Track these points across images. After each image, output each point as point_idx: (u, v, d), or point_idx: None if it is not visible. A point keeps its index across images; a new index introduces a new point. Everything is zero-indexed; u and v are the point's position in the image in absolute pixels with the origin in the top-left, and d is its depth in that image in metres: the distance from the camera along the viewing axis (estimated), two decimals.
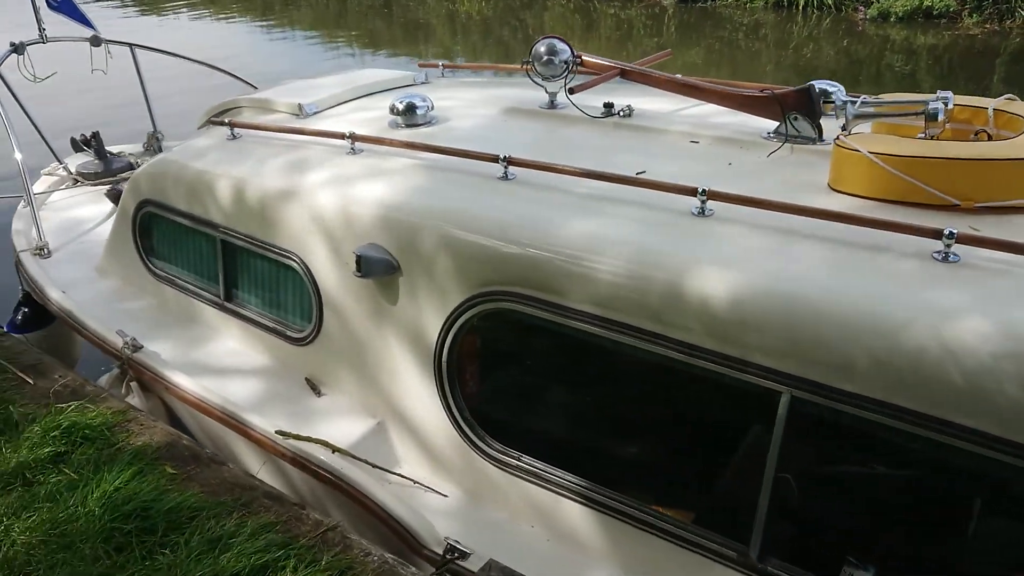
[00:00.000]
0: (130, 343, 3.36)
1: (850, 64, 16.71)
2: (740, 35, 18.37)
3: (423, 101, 3.37)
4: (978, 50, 16.03)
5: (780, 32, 18.04)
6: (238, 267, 3.35)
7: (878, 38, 17.04)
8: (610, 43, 19.18)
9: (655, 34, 19.10)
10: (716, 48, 18.09)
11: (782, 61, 17.20)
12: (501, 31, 20.93)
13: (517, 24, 21.46)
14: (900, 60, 16.47)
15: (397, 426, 2.94)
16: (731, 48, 18.05)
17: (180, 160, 3.50)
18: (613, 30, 19.84)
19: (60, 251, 4.25)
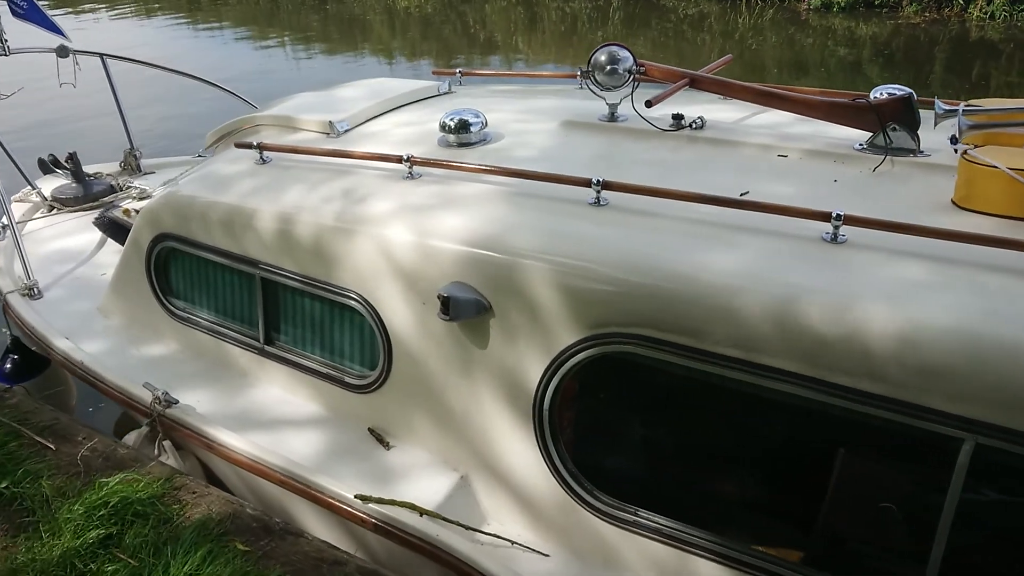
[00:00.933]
0: (161, 398, 3.00)
1: (795, 54, 16.90)
2: (685, 26, 18.40)
3: (476, 117, 3.08)
4: (919, 39, 16.37)
5: (725, 23, 18.11)
6: (282, 308, 3.02)
7: (821, 28, 17.26)
8: (554, 37, 19.01)
9: (600, 26, 18.99)
10: (662, 40, 18.09)
11: (728, 52, 17.28)
12: (441, 27, 20.56)
13: (457, 19, 21.13)
14: (844, 50, 16.72)
15: (485, 480, 2.67)
16: (677, 40, 18.08)
17: (206, 189, 3.14)
18: (557, 24, 19.67)
19: (51, 290, 3.82)
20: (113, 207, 4.22)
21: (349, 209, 2.78)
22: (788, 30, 17.45)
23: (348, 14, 22.43)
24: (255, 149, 3.15)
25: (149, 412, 3.02)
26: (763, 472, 2.36)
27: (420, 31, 20.26)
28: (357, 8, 22.88)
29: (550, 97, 3.72)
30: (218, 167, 3.25)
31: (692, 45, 17.66)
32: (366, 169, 2.99)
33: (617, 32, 18.74)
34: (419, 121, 3.43)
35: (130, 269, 3.45)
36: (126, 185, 4.77)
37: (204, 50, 17.88)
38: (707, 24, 18.22)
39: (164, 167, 5.22)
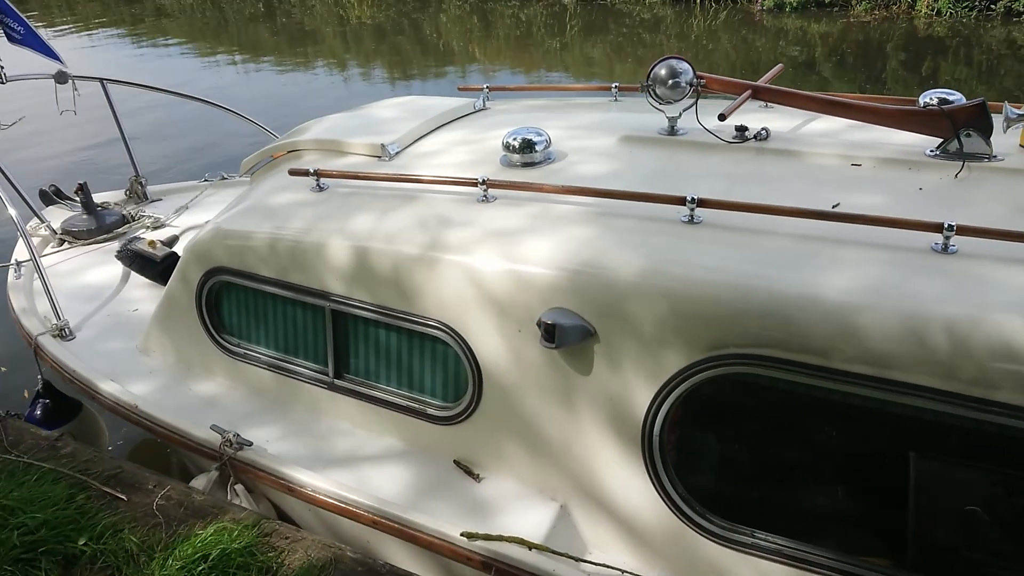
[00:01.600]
0: (233, 440, 2.87)
1: (748, 54, 17.16)
2: (641, 30, 18.56)
3: (539, 135, 3.02)
4: (870, 36, 16.77)
5: (680, 26, 18.32)
6: (355, 340, 2.92)
7: (775, 28, 17.57)
8: (509, 44, 19.00)
9: (557, 33, 19.05)
10: (619, 43, 18.23)
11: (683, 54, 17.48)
12: (396, 36, 20.41)
13: (411, 28, 21.00)
14: (796, 49, 17.03)
15: (587, 509, 2.61)
16: (633, 44, 18.22)
17: (263, 220, 3.02)
18: (513, 30, 19.67)
19: (82, 329, 3.65)
20: (136, 239, 4.04)
21: (428, 236, 2.70)
22: (741, 31, 17.73)
23: (299, 27, 22.13)
24: (312, 176, 3.05)
25: (218, 455, 2.89)
26: (888, 489, 2.34)
27: (374, 42, 20.09)
28: (308, 21, 22.59)
29: (593, 112, 3.68)
30: (271, 196, 3.13)
31: (649, 49, 17.81)
32: (433, 193, 2.91)
33: (575, 38, 18.82)
34: (468, 140, 3.36)
35: (176, 305, 3.31)
36: (138, 214, 4.59)
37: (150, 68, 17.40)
38: (663, 27, 18.41)
39: (171, 193, 5.04)
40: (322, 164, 3.27)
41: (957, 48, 16.19)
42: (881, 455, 2.29)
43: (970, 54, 15.88)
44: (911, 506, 2.21)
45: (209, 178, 5.14)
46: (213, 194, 5.00)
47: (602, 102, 3.94)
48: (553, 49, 18.44)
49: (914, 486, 2.22)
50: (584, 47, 18.43)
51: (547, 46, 18.65)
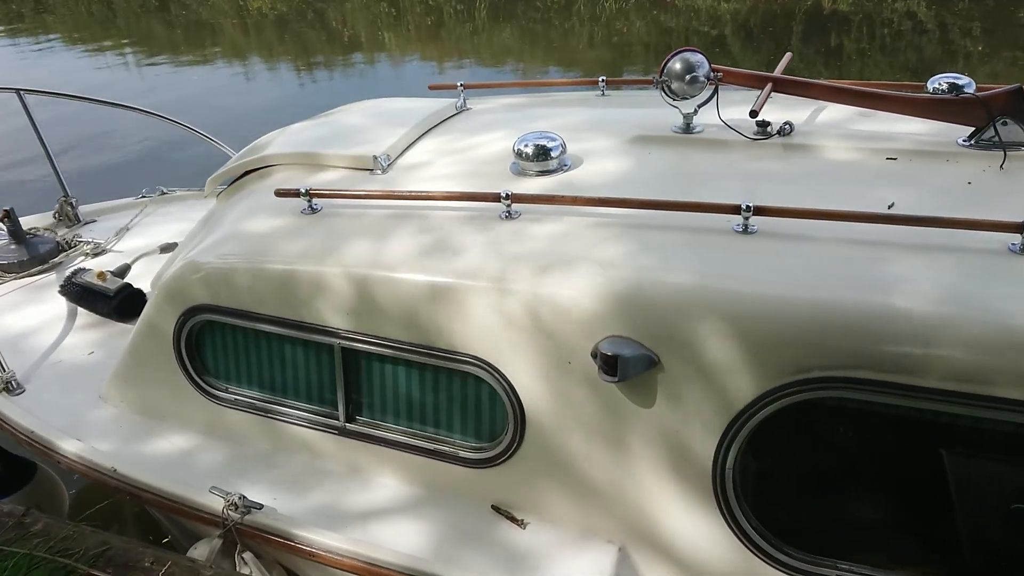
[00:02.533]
0: (239, 503, 2.52)
1: (660, 35, 17.23)
2: (552, 14, 18.39)
3: (553, 140, 2.77)
4: (776, 13, 17.07)
5: (592, 8, 18.23)
6: (369, 380, 2.61)
7: (687, 8, 17.67)
8: (421, 33, 18.56)
9: (467, 19, 18.70)
10: (530, 28, 18.03)
11: (595, 37, 17.42)
12: (299, 26, 19.69)
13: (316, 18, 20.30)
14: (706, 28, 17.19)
15: (648, 550, 2.39)
16: (546, 28, 18.06)
17: (251, 250, 2.67)
18: (423, 18, 19.21)
19: (31, 381, 3.20)
20: (80, 271, 3.59)
21: (453, 262, 2.41)
22: (653, 12, 17.77)
23: (195, 18, 21.11)
24: (303, 196, 2.71)
25: (221, 521, 2.54)
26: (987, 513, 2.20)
27: (276, 33, 19.31)
28: (204, 12, 21.57)
29: (584, 108, 3.44)
30: (253, 221, 2.77)
31: (560, 32, 17.68)
32: (445, 211, 2.62)
33: (484, 24, 18.51)
34: (461, 147, 3.07)
35: (146, 350, 2.92)
36: (75, 240, 4.10)
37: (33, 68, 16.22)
38: (575, 9, 18.28)
39: (105, 213, 4.55)
40: (302, 181, 2.94)
41: (860, 24, 16.63)
42: (976, 476, 2.14)
43: (872, 29, 16.33)
44: (1015, 532, 2.07)
45: (147, 194, 4.67)
46: (153, 211, 4.54)
47: (587, 96, 3.71)
48: (465, 35, 18.11)
49: (1020, 510, 2.08)
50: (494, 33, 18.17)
51: (459, 32, 18.31)
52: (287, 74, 15.42)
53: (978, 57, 13.98)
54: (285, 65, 16.33)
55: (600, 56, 16.42)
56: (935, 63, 13.75)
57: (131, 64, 16.59)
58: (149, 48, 18.14)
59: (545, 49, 17.11)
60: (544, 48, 17.21)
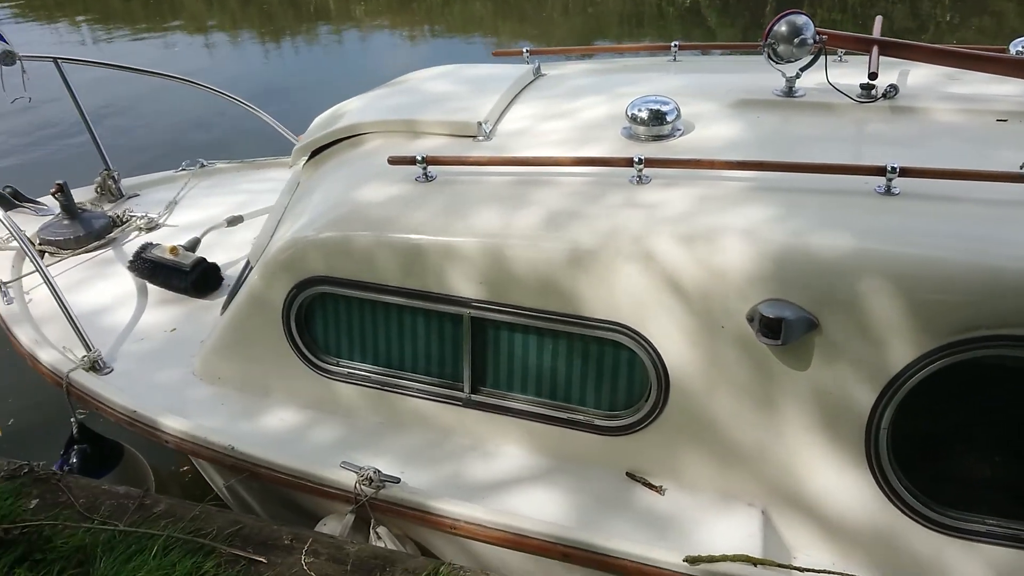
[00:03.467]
0: (374, 478, 2.47)
1: (636, 5, 17.19)
2: None
3: (667, 104, 2.74)
4: None
5: None
6: (498, 350, 2.57)
7: None
8: (392, 4, 18.23)
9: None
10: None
11: (570, 6, 17.30)
12: None
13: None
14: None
15: (790, 511, 2.41)
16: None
17: (365, 219, 2.60)
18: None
19: (117, 360, 3.09)
20: (150, 246, 3.46)
21: (593, 227, 2.37)
22: None
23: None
24: (419, 164, 2.64)
25: (354, 496, 2.49)
26: None
27: (240, 2, 18.81)
28: None
29: (670, 73, 3.41)
30: (365, 190, 2.70)
31: (533, 4, 17.52)
32: (571, 177, 2.58)
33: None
34: (560, 113, 3.02)
35: (250, 325, 2.83)
36: (126, 215, 3.95)
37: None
38: None
39: (147, 187, 4.39)
40: (401, 149, 2.87)
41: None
42: None
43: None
44: None
45: (187, 166, 4.52)
46: (197, 184, 4.40)
47: (658, 62, 3.68)
48: (436, 5, 17.85)
49: None
50: (464, 3, 17.94)
51: (430, 3, 18.04)
52: (251, 45, 14.99)
53: (947, 26, 14.18)
54: (249, 35, 15.90)
55: (574, 26, 16.31)
56: (906, 32, 13.96)
57: (87, 39, 16.00)
58: (105, 20, 17.52)
59: (517, 20, 16.95)
60: (516, 19, 17.05)
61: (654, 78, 3.35)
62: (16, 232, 3.14)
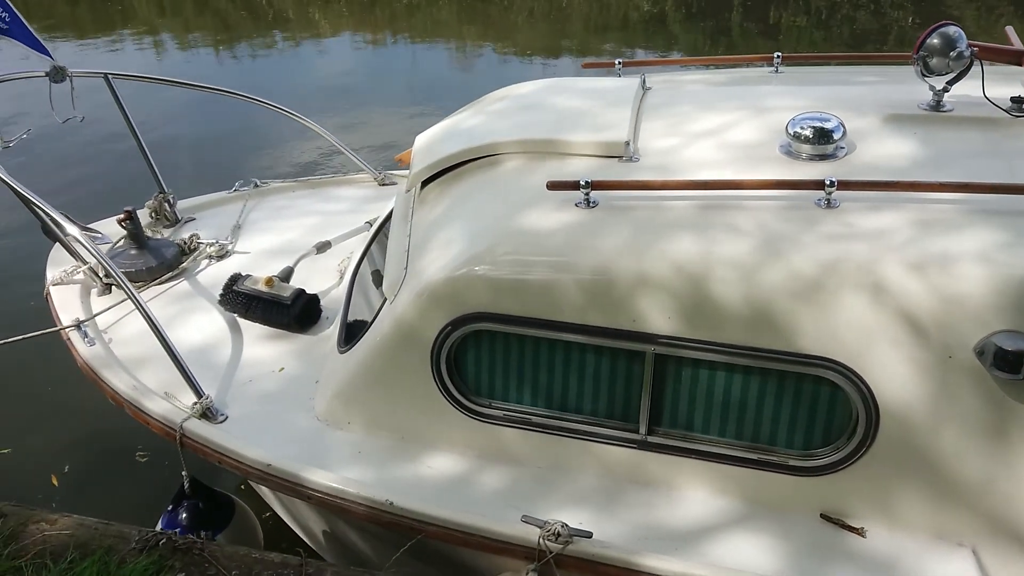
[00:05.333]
0: (560, 531, 2.27)
1: (600, 11, 17.20)
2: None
3: (829, 122, 2.60)
4: None
5: None
6: (681, 388, 2.39)
7: None
8: (353, 8, 17.90)
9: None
10: (468, 4, 17.68)
11: (536, 10, 17.22)
12: (219, 4, 18.66)
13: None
14: (647, 5, 17.25)
15: (1002, 549, 2.28)
16: (485, 3, 17.74)
17: (542, 250, 2.39)
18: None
19: (228, 405, 2.82)
20: (240, 277, 3.18)
21: (805, 257, 2.22)
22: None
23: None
24: (581, 189, 2.45)
25: (537, 553, 2.29)
26: None
27: (195, 8, 18.25)
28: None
29: (794, 86, 3.24)
30: (527, 217, 2.49)
31: (500, 8, 17.39)
32: (746, 201, 2.42)
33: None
34: (701, 131, 2.85)
35: (392, 364, 2.60)
36: (194, 242, 3.65)
37: None
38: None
39: (202, 209, 4.08)
40: (537, 170, 2.68)
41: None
42: None
43: (809, 4, 16.73)
44: None
45: (240, 187, 4.23)
46: (256, 206, 4.11)
47: (760, 74, 3.54)
48: (401, 12, 17.58)
49: None
50: (429, 9, 17.71)
51: (395, 8, 17.77)
52: (205, 56, 14.46)
53: (911, 29, 14.46)
54: (205, 51, 15.30)
55: (539, 32, 16.26)
56: (869, 36, 14.23)
57: None
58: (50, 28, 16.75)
59: (482, 25, 16.81)
60: (481, 24, 16.92)
61: (778, 92, 3.19)
62: (110, 267, 2.84)
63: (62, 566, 2.22)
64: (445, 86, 11.37)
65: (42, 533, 2.36)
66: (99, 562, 2.22)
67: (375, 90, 11.10)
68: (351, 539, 2.92)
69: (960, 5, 16.06)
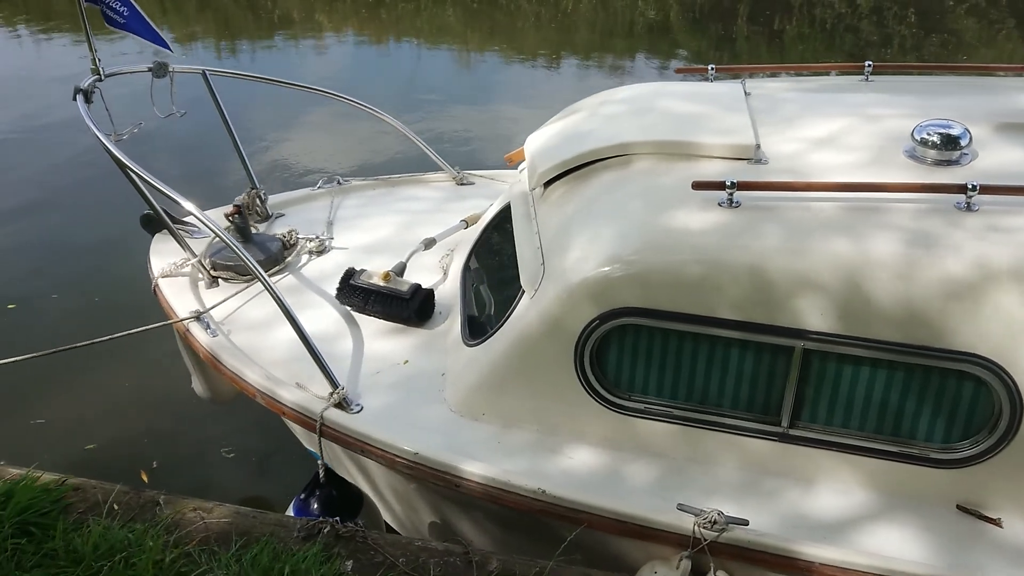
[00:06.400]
0: (717, 519, 2.34)
1: (607, 17, 17.32)
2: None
3: (955, 128, 2.69)
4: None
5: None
6: (826, 382, 2.47)
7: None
8: (356, 9, 17.90)
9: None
10: (475, 8, 17.73)
11: (542, 16, 17.31)
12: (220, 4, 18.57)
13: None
14: (653, 12, 17.40)
15: None
16: (491, 8, 17.81)
17: (697, 248, 2.46)
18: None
19: (361, 396, 2.87)
20: (355, 272, 3.23)
21: (959, 258, 2.31)
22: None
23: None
24: (726, 190, 2.53)
25: (692, 540, 2.36)
26: None
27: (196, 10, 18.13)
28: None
29: (892, 94, 3.32)
30: (674, 215, 2.56)
31: (506, 13, 17.46)
32: (884, 203, 2.51)
33: (427, 2, 18.06)
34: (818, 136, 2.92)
35: (531, 357, 2.66)
36: (293, 237, 3.69)
37: None
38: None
39: (290, 205, 4.12)
40: (668, 171, 2.76)
41: (801, 7, 17.22)
42: None
43: (812, 12, 16.95)
44: None
45: (324, 184, 4.28)
46: (342, 203, 4.15)
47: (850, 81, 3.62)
48: (406, 13, 17.60)
49: None
50: (433, 11, 17.75)
51: (401, 9, 17.78)
52: (203, 53, 14.31)
53: (912, 39, 14.68)
54: (201, 45, 15.22)
55: (547, 35, 16.36)
56: (872, 46, 14.44)
57: (26, 40, 15.15)
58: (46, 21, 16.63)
59: (487, 30, 16.89)
60: (486, 29, 16.99)
61: (884, 99, 3.25)
62: (250, 261, 2.88)
63: (231, 553, 2.26)
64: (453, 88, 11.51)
65: (202, 520, 2.40)
66: (266, 548, 2.26)
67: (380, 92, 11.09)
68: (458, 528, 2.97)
69: (960, 18, 16.35)
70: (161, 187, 2.98)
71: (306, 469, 3.93)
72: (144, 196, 3.27)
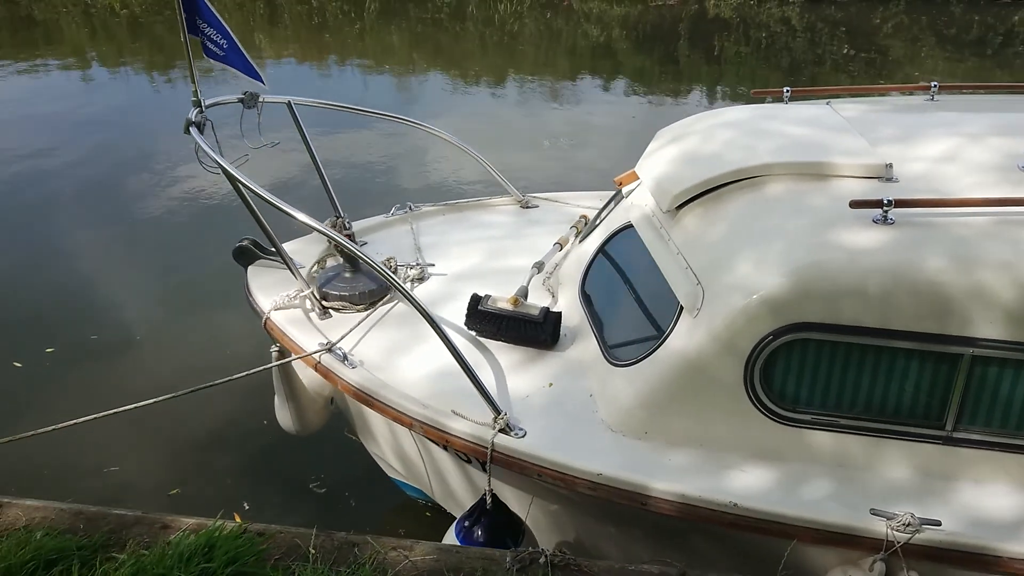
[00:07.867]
0: (911, 522, 2.44)
1: (551, 39, 17.61)
2: (443, 15, 18.21)
3: None
4: (664, 17, 17.95)
5: (486, 10, 18.24)
6: (992, 386, 2.61)
7: (581, 12, 18.13)
8: (300, 33, 17.72)
9: (355, 19, 18.08)
10: (420, 31, 17.76)
11: (487, 39, 17.49)
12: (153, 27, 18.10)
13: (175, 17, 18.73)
14: (596, 31, 17.78)
15: None
16: (437, 30, 17.88)
17: (875, 264, 2.56)
18: (305, 19, 18.32)
19: (521, 421, 2.86)
20: (481, 298, 3.22)
21: None
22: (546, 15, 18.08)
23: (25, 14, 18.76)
24: (883, 208, 2.66)
25: (885, 544, 2.45)
26: None
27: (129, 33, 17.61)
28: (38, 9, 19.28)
29: (974, 113, 3.50)
30: (839, 233, 2.65)
31: (451, 35, 17.57)
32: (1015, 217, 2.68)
33: (373, 24, 18.00)
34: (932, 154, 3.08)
35: (699, 374, 2.71)
36: (394, 265, 3.65)
37: None
38: (468, 12, 18.21)
39: (369, 232, 4.07)
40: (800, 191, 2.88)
41: (738, 27, 17.89)
42: None
43: (748, 33, 17.62)
44: None
45: (397, 211, 4.25)
46: (421, 228, 4.13)
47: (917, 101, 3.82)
48: (353, 35, 17.51)
49: None
50: (378, 35, 17.70)
51: (345, 33, 17.67)
52: (138, 80, 13.80)
53: (843, 58, 15.39)
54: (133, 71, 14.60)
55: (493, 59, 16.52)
56: (806, 64, 15.13)
57: None
58: None
59: (431, 51, 16.92)
60: (430, 50, 17.02)
61: (965, 117, 3.41)
62: (406, 294, 2.85)
63: None
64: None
65: (407, 559, 2.35)
66: None
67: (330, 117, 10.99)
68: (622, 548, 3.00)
69: (888, 37, 17.25)
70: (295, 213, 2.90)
71: (398, 496, 3.90)
72: (262, 226, 3.20)
